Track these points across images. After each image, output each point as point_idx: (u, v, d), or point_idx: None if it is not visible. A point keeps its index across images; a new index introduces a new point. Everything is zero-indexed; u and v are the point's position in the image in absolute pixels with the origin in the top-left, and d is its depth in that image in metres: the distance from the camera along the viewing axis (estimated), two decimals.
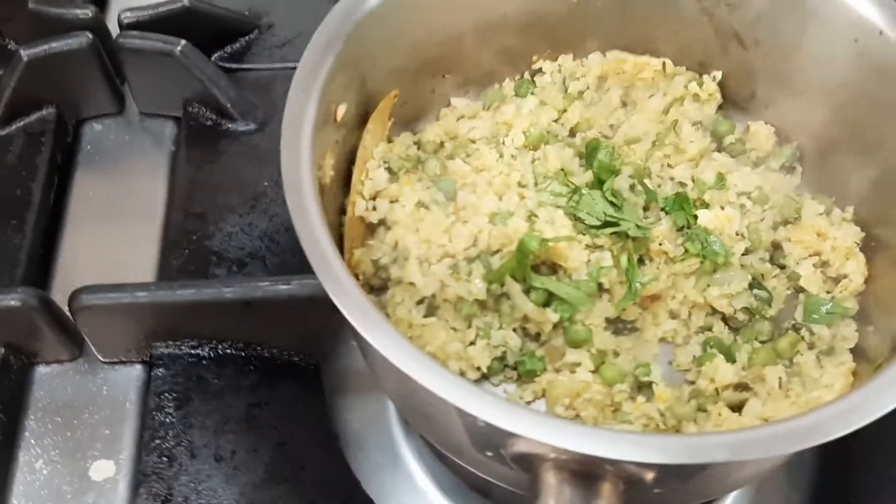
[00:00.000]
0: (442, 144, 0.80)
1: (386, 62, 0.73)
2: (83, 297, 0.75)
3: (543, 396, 0.71)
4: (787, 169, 0.80)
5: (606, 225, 0.72)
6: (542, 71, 0.84)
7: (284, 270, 0.86)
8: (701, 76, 0.82)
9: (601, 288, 0.71)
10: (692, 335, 0.73)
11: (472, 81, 0.83)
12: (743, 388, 0.69)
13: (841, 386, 0.68)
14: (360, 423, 0.83)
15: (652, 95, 0.82)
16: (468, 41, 0.79)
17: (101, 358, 0.82)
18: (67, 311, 0.78)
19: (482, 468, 0.65)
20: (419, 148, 0.80)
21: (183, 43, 0.89)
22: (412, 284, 0.70)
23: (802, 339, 0.71)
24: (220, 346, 0.81)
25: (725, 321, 0.73)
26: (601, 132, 0.81)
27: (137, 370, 0.83)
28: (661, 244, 0.73)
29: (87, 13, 0.92)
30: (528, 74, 0.84)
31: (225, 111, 0.93)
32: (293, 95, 0.61)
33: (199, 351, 0.81)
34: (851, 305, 0.73)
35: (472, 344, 0.70)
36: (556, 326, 0.70)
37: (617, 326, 0.73)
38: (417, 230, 0.72)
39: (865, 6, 0.69)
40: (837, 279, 0.74)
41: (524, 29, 0.81)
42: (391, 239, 0.73)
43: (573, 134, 0.81)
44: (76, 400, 0.81)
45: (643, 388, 0.70)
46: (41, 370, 0.82)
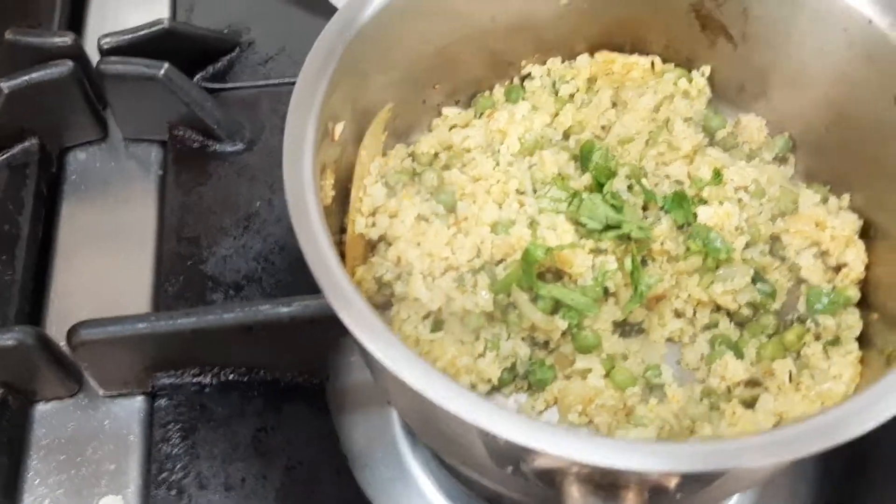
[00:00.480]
0: (437, 155, 0.79)
1: (380, 76, 0.72)
2: (82, 332, 0.74)
3: (556, 404, 0.70)
4: (780, 159, 0.81)
5: (608, 228, 0.71)
6: (531, 75, 0.83)
7: (282, 291, 0.85)
8: (689, 72, 0.82)
9: (607, 292, 0.71)
10: (699, 333, 0.73)
11: (461, 90, 0.83)
12: (754, 384, 0.69)
13: (850, 376, 0.68)
14: (365, 439, 0.82)
15: (642, 94, 0.82)
16: (458, 49, 0.79)
17: (101, 392, 0.81)
18: (65, 346, 0.77)
19: (500, 483, 0.64)
20: (414, 160, 0.79)
21: (166, 66, 0.88)
22: (417, 300, 0.70)
23: (808, 330, 0.71)
24: (222, 372, 0.80)
25: (730, 317, 0.73)
26: (594, 133, 0.81)
27: (139, 402, 0.81)
28: (662, 244, 0.73)
29: (65, 41, 0.90)
30: (517, 80, 0.84)
31: (211, 132, 0.92)
32: (292, 117, 0.60)
33: (201, 379, 0.80)
34: (853, 294, 0.73)
35: (481, 356, 0.70)
36: (564, 334, 0.70)
37: (624, 329, 0.73)
38: (419, 244, 0.72)
39: None
40: (838, 268, 0.74)
41: (512, 33, 0.80)
42: (393, 255, 0.72)
43: (566, 137, 0.81)
44: (78, 436, 0.80)
45: (654, 389, 0.70)
46: (41, 408, 0.81)
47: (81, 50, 0.92)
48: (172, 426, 0.78)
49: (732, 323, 0.73)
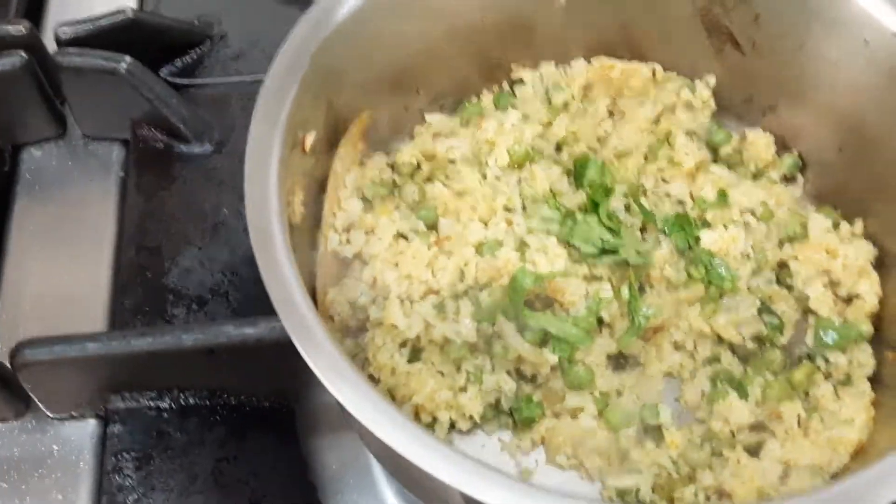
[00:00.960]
0: (419, 166, 0.73)
1: (356, 80, 0.67)
2: (26, 352, 0.68)
3: (542, 444, 0.65)
4: (787, 179, 0.75)
5: (604, 253, 0.66)
6: (522, 81, 0.78)
7: (249, 306, 0.79)
8: (693, 82, 0.77)
9: (601, 322, 0.65)
10: (699, 367, 0.67)
11: (447, 95, 0.77)
12: (759, 427, 0.63)
13: (863, 420, 0.63)
14: (337, 464, 0.77)
15: (641, 104, 0.76)
16: (442, 51, 0.73)
17: (49, 414, 0.75)
18: (9, 364, 0.70)
19: None
20: (394, 171, 0.73)
21: (128, 59, 0.81)
22: (394, 326, 0.64)
23: (818, 369, 0.66)
24: (182, 395, 0.73)
25: (734, 351, 0.68)
26: (589, 146, 0.75)
27: (91, 425, 0.75)
28: (662, 270, 0.67)
29: (20, 29, 0.83)
30: (507, 85, 0.78)
31: (177, 132, 0.86)
32: (256, 128, 0.54)
33: (159, 403, 0.73)
34: (866, 328, 0.68)
35: (462, 390, 0.64)
36: (553, 368, 0.64)
37: (618, 362, 0.67)
38: (397, 265, 0.66)
39: (877, 5, 0.64)
40: (849, 299, 0.69)
41: (503, 34, 0.75)
42: (368, 276, 0.66)
43: (559, 149, 0.75)
44: (24, 462, 0.74)
45: (651, 431, 0.64)
46: None
47: (38, 40, 0.85)
48: (126, 455, 0.72)
49: (736, 357, 0.67)
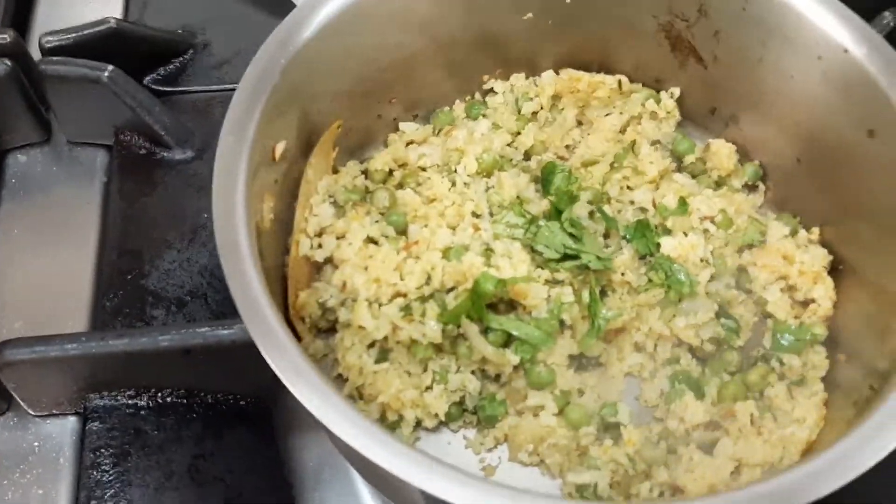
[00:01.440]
0: (391, 173, 0.76)
1: (328, 89, 0.69)
2: (7, 352, 0.70)
3: (506, 442, 0.67)
4: (749, 188, 0.78)
5: (566, 258, 0.68)
6: (493, 91, 0.80)
7: (228, 308, 0.80)
8: (658, 93, 0.79)
9: (563, 325, 0.68)
10: (659, 368, 0.69)
11: (420, 104, 0.79)
12: (714, 426, 0.65)
13: (814, 420, 0.65)
14: (314, 462, 0.79)
15: (608, 114, 0.79)
16: (416, 62, 0.75)
17: (30, 412, 0.76)
18: None
19: None
20: (367, 177, 0.75)
21: (110, 68, 0.83)
22: (362, 328, 0.66)
23: (773, 370, 0.68)
24: (159, 394, 0.75)
25: (693, 352, 0.70)
26: (557, 154, 0.77)
27: (71, 422, 0.77)
28: (623, 274, 0.70)
29: (4, 38, 0.85)
30: (478, 95, 0.81)
31: (159, 139, 0.88)
32: (224, 143, 0.56)
33: (137, 401, 0.75)
34: (820, 331, 0.70)
35: (428, 389, 0.66)
36: (516, 368, 0.66)
37: (580, 362, 0.69)
38: (366, 268, 0.68)
39: (830, 23, 0.67)
40: (805, 303, 0.72)
41: (474, 47, 0.77)
42: (338, 279, 0.68)
43: (528, 157, 0.77)
44: (5, 458, 0.75)
45: (610, 429, 0.66)
46: None
47: (23, 48, 0.87)
48: (104, 451, 0.73)
49: (694, 359, 0.70)
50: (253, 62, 0.61)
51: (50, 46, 0.86)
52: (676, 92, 0.78)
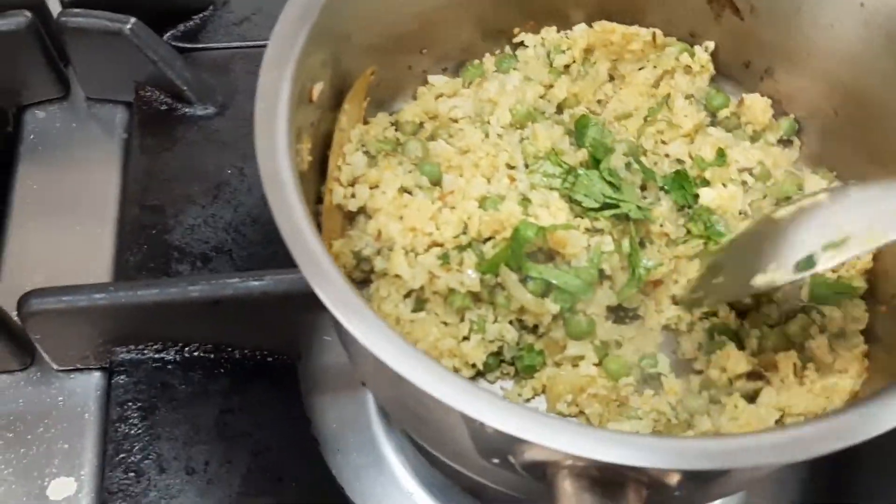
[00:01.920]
0: (421, 125, 0.74)
1: (362, 37, 0.67)
2: (33, 301, 0.68)
3: (543, 393, 0.66)
4: (784, 143, 0.77)
5: (605, 207, 0.67)
6: (524, 44, 0.78)
7: (253, 264, 0.80)
8: (692, 47, 0.78)
9: (602, 274, 0.66)
10: (696, 321, 0.68)
11: (450, 57, 0.78)
12: (756, 376, 0.65)
13: (855, 371, 0.64)
14: (338, 422, 0.78)
15: (641, 68, 0.77)
16: (447, 13, 0.74)
17: (54, 366, 0.75)
18: (16, 315, 0.71)
19: (484, 474, 0.60)
20: (397, 129, 0.74)
21: (132, 21, 0.82)
22: (398, 277, 0.65)
23: (813, 321, 0.67)
24: (186, 349, 0.74)
25: (731, 305, 0.69)
26: (589, 108, 0.76)
27: (96, 377, 0.76)
28: (661, 225, 0.69)
29: None
30: (509, 48, 0.79)
31: (181, 94, 0.86)
32: (265, 74, 0.55)
33: (163, 355, 0.74)
34: (859, 284, 0.69)
35: (465, 339, 0.65)
36: (555, 318, 0.65)
37: (618, 315, 0.68)
38: (401, 218, 0.67)
39: None
40: None
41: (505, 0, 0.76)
42: (373, 228, 0.67)
43: (560, 111, 0.76)
44: (29, 413, 0.74)
45: (650, 380, 0.66)
46: None
47: (42, 0, 0.86)
48: (131, 405, 0.73)
49: (733, 311, 0.68)
50: (290, 1, 0.59)
51: None
52: (711, 45, 0.77)
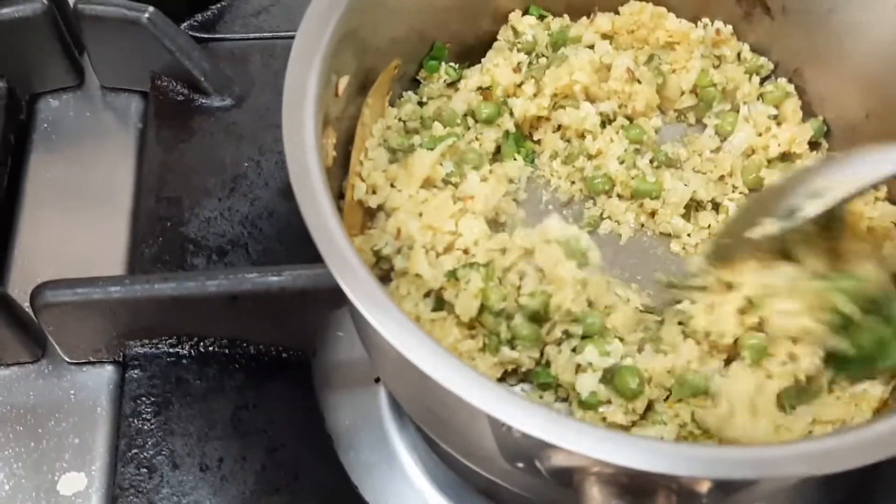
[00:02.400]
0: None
1: (388, 30, 0.66)
2: (47, 293, 0.67)
3: (567, 400, 0.65)
4: (811, 145, 0.75)
5: None
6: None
7: (269, 259, 0.79)
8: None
9: None
10: None
11: (472, 54, 0.77)
12: None
13: (885, 378, 0.63)
14: (351, 419, 0.77)
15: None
16: (469, 6, 0.73)
17: (67, 359, 0.74)
18: (28, 307, 0.70)
19: (507, 478, 0.59)
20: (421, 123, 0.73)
21: (150, 9, 0.81)
22: (418, 276, 0.64)
23: None
24: (201, 343, 0.73)
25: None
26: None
27: (109, 371, 0.75)
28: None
29: None
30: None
31: (198, 85, 0.85)
32: (293, 66, 0.54)
33: (178, 349, 0.73)
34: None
35: (480, 350, 0.64)
36: None
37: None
38: (420, 215, 0.66)
39: None
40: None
41: None
42: (392, 226, 0.66)
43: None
44: (40, 406, 0.73)
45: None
46: (0, 373, 0.74)
47: None
48: (144, 399, 0.72)
49: None
50: None
51: None
52: (745, 48, 0.76)
